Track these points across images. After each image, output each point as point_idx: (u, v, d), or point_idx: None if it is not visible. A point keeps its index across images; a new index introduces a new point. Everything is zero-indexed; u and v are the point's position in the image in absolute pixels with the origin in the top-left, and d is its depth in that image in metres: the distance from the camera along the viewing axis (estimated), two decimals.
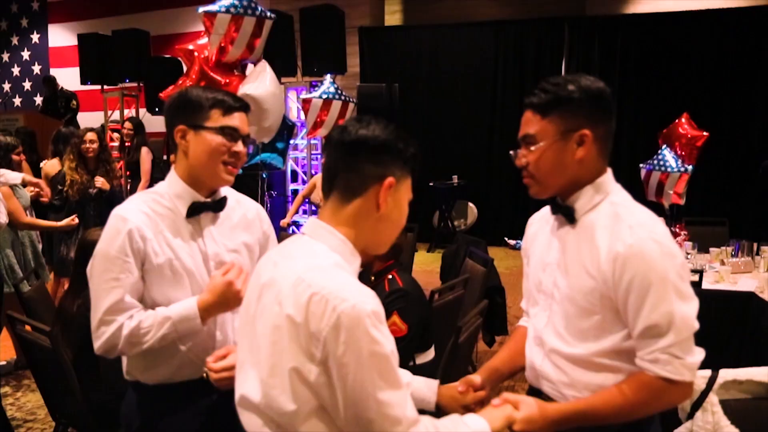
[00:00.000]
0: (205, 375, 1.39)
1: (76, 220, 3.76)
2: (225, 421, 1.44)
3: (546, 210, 1.44)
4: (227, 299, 1.38)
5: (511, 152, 1.36)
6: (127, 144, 5.81)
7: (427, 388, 1.37)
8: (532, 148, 1.27)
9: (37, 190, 3.88)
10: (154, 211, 1.41)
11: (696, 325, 1.18)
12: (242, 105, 1.46)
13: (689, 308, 1.18)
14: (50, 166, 4.41)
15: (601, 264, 1.21)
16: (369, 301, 0.96)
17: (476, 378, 1.38)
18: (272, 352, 0.98)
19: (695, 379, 1.19)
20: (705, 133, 4.34)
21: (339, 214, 1.06)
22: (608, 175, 1.32)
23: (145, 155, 5.60)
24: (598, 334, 1.24)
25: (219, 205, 1.46)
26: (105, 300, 1.36)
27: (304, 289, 0.96)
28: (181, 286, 1.41)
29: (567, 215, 1.30)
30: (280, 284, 1.00)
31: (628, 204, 1.28)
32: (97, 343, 1.39)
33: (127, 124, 5.82)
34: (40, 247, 3.99)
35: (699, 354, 1.19)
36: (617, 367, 1.23)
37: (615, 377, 1.23)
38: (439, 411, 1.34)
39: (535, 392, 1.38)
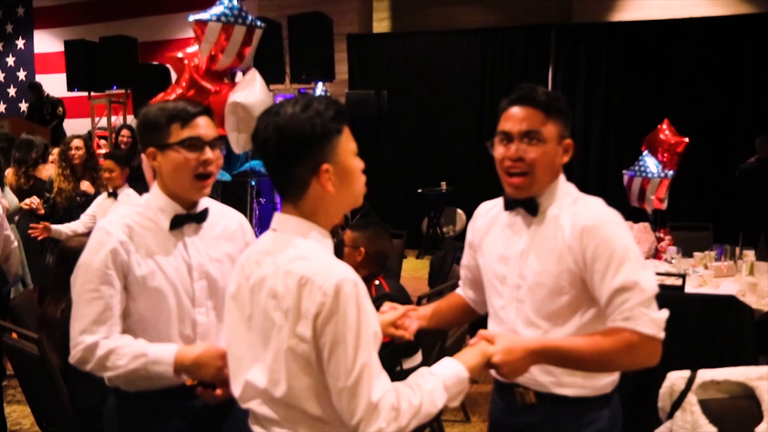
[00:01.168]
0: (187, 382, 1.40)
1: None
2: (208, 426, 1.46)
3: (490, 206, 1.54)
4: (206, 370, 1.35)
5: (492, 142, 1.42)
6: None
7: None
8: (536, 144, 1.34)
9: (32, 204, 3.88)
10: (137, 223, 1.42)
11: (656, 287, 1.28)
12: (201, 110, 1.44)
13: (648, 272, 1.29)
14: (11, 173, 4.34)
15: (567, 240, 1.32)
16: (349, 276, 1.04)
17: (398, 306, 1.53)
18: (274, 340, 1.07)
19: (662, 335, 1.26)
20: (685, 139, 4.42)
21: (297, 208, 1.13)
22: (563, 177, 1.44)
23: (146, 162, 5.56)
24: (567, 313, 1.34)
25: (201, 216, 1.48)
26: (85, 311, 1.37)
27: (292, 277, 1.05)
28: (164, 297, 1.41)
29: (530, 208, 1.39)
30: (270, 280, 1.09)
31: (582, 194, 1.42)
32: (72, 353, 1.40)
33: (125, 131, 5.72)
34: None
35: (664, 312, 1.27)
36: None
37: None
38: None
39: (505, 386, 1.43)
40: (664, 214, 4.42)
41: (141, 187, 5.61)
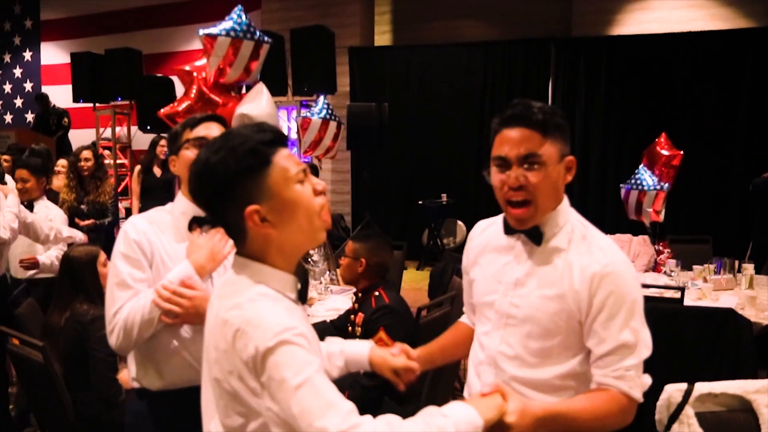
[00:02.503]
0: None
1: None
2: None
3: (487, 224, 1.44)
4: (212, 252, 1.47)
5: (488, 170, 1.31)
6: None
7: (360, 347, 1.43)
8: (537, 169, 1.23)
9: None
10: (159, 221, 1.53)
11: (650, 351, 1.24)
12: (209, 117, 1.57)
13: (647, 334, 1.24)
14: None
15: (575, 283, 1.22)
16: (281, 324, 0.93)
17: (413, 351, 1.43)
18: (220, 393, 0.99)
19: (639, 401, 1.23)
20: (679, 152, 4.46)
21: (244, 252, 1.03)
22: (567, 201, 1.34)
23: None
24: (559, 354, 1.26)
25: None
26: (118, 296, 1.45)
27: (228, 328, 0.95)
28: None
29: (533, 237, 1.28)
30: (212, 328, 1.00)
31: (590, 227, 1.31)
32: (113, 338, 1.46)
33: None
34: None
35: (648, 379, 1.25)
36: (574, 388, 1.27)
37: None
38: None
39: None
40: (663, 226, 4.44)
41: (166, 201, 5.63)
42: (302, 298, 1.06)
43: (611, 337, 1.20)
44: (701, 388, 1.62)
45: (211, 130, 1.55)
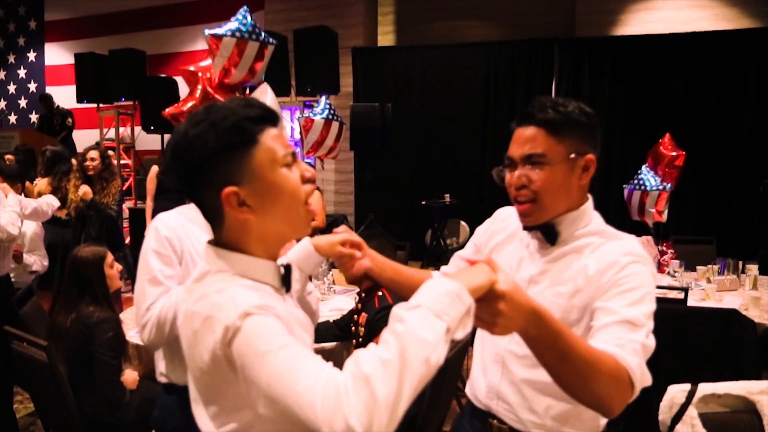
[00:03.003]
0: None
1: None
2: None
3: (510, 213, 1.37)
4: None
5: (496, 170, 1.28)
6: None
7: (299, 247, 1.26)
8: (540, 168, 1.20)
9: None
10: (191, 217, 1.55)
11: (653, 348, 1.11)
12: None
13: (652, 332, 1.13)
14: (44, 184, 4.46)
15: (591, 274, 1.17)
16: (250, 302, 0.84)
17: (359, 241, 1.30)
18: (202, 390, 0.93)
19: (635, 394, 1.07)
20: (683, 152, 4.46)
21: (222, 237, 0.94)
22: (591, 203, 1.29)
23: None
24: None
25: None
26: (149, 291, 1.48)
27: (197, 319, 0.88)
28: None
29: (548, 235, 1.24)
30: (182, 326, 0.93)
31: (612, 231, 1.26)
32: (145, 333, 1.48)
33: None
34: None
35: (649, 377, 1.10)
36: None
37: (576, 406, 1.15)
38: None
39: (479, 413, 1.31)
40: (667, 227, 4.43)
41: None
42: (286, 284, 0.97)
43: (618, 309, 1.09)
44: (705, 388, 1.62)
45: None
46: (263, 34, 3.94)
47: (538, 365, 1.14)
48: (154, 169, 4.80)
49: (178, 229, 1.52)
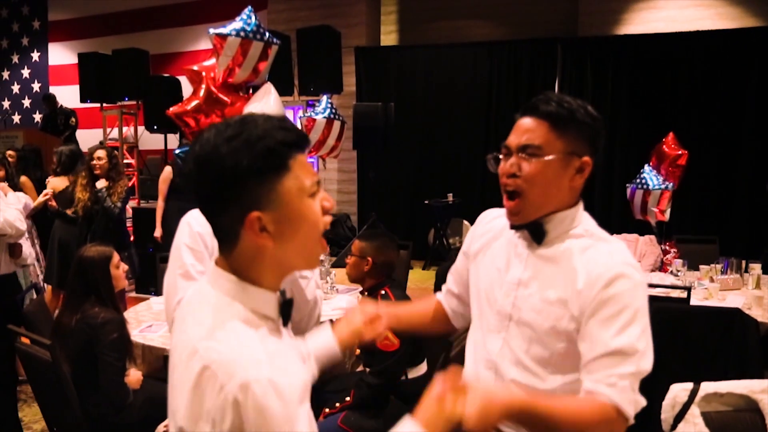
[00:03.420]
0: None
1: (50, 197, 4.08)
2: None
3: (496, 215, 1.37)
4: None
5: (491, 156, 1.26)
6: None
7: (323, 339, 1.31)
8: (534, 159, 1.18)
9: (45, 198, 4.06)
10: None
11: (650, 369, 1.13)
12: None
13: (650, 346, 1.14)
14: (59, 181, 4.49)
15: (578, 285, 1.15)
16: (259, 372, 0.80)
17: (376, 311, 1.34)
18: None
19: (632, 421, 1.12)
20: (684, 152, 4.45)
21: (230, 261, 0.89)
22: (581, 206, 1.26)
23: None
24: (563, 363, 1.18)
25: None
26: (180, 285, 1.50)
27: (196, 361, 0.83)
28: None
29: (536, 234, 1.22)
30: (179, 354, 0.87)
31: (600, 233, 1.24)
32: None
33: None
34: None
35: (643, 400, 1.14)
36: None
37: None
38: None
39: None
40: (670, 226, 4.42)
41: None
42: (285, 318, 0.94)
43: (606, 339, 1.10)
44: (707, 387, 1.62)
45: None
46: (267, 34, 3.96)
47: (531, 372, 1.19)
48: (168, 169, 4.81)
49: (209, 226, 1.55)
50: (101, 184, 4.07)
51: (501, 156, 1.25)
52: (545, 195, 1.20)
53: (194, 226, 1.53)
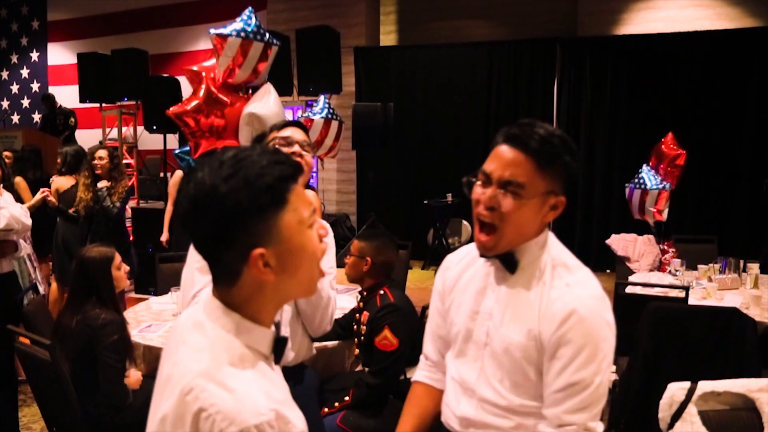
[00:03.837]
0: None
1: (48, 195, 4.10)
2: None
3: (463, 254, 1.38)
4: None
5: (467, 179, 1.25)
6: None
7: None
8: (515, 197, 1.17)
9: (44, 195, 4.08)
10: None
11: (605, 397, 1.17)
12: (293, 122, 1.75)
13: (605, 382, 1.17)
14: (64, 180, 4.51)
15: (540, 319, 1.18)
16: (258, 414, 0.80)
17: None
18: None
19: None
20: (682, 152, 4.46)
21: (228, 296, 0.88)
22: (548, 232, 1.27)
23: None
24: (536, 392, 1.20)
25: None
26: (197, 279, 1.54)
27: (192, 400, 0.81)
28: None
29: (508, 264, 1.23)
30: (172, 390, 0.85)
31: (567, 261, 1.24)
32: None
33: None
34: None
35: (600, 427, 1.17)
36: (535, 414, 1.21)
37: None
38: None
39: None
40: (669, 226, 4.44)
41: None
42: (278, 356, 0.93)
43: (566, 374, 1.14)
44: (704, 386, 1.62)
45: (296, 133, 1.70)
46: (267, 34, 3.97)
47: (502, 396, 1.22)
48: (179, 174, 4.82)
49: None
50: (103, 184, 4.08)
51: (478, 182, 1.23)
52: (519, 232, 1.20)
53: None
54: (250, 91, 4.11)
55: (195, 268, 1.56)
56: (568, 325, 1.15)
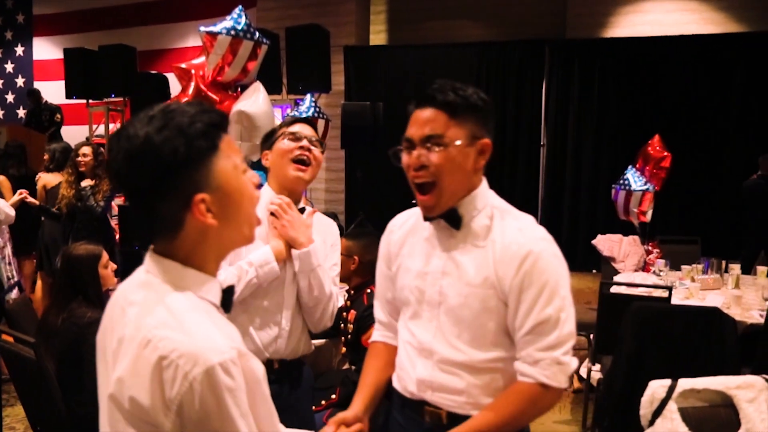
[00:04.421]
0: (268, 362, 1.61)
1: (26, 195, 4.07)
2: (280, 408, 1.60)
3: (406, 217, 1.41)
4: (302, 237, 1.63)
5: (393, 151, 1.28)
6: None
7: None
8: (439, 149, 1.21)
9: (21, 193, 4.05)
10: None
11: (573, 332, 1.21)
12: (302, 118, 1.79)
13: (571, 313, 1.21)
14: (52, 177, 4.47)
15: (497, 266, 1.21)
16: (222, 355, 0.81)
17: (347, 414, 1.31)
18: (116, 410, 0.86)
19: (564, 386, 1.21)
20: (667, 154, 4.52)
21: (172, 248, 0.88)
22: (486, 183, 1.32)
23: None
24: (493, 340, 1.23)
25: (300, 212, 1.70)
26: None
27: (150, 352, 0.81)
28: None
29: (452, 221, 1.26)
30: (128, 347, 0.84)
31: (510, 209, 1.30)
32: None
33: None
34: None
35: (573, 362, 1.21)
36: (501, 370, 1.25)
37: (511, 379, 1.23)
38: None
39: (409, 402, 1.32)
40: (654, 227, 4.49)
41: None
42: (226, 306, 0.94)
43: (533, 314, 1.18)
44: (684, 384, 1.66)
45: (305, 128, 1.73)
46: (257, 33, 3.96)
47: (463, 352, 1.24)
48: None
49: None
50: (87, 183, 4.05)
51: (402, 149, 1.28)
52: (455, 180, 1.24)
53: None
54: (240, 89, 4.10)
55: None
56: (526, 266, 1.19)
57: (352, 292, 2.47)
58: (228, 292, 0.94)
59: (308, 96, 5.93)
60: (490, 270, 1.22)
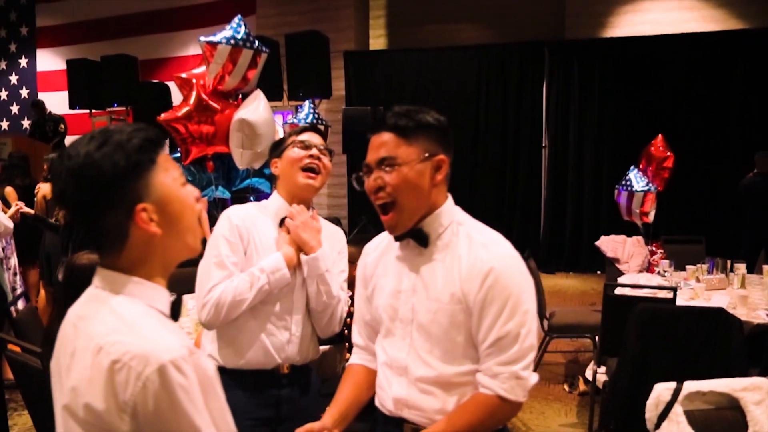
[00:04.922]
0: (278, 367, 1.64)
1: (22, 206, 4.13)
2: (288, 414, 1.66)
3: (379, 241, 1.46)
4: (303, 240, 1.65)
5: (356, 176, 1.33)
6: None
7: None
8: (392, 169, 1.27)
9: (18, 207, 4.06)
10: (255, 215, 1.69)
11: (534, 345, 1.25)
12: (311, 127, 1.80)
13: (534, 328, 1.25)
14: (50, 187, 4.49)
15: (462, 282, 1.25)
16: (173, 353, 0.83)
17: (314, 425, 1.34)
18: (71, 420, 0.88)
19: (522, 400, 1.24)
20: (670, 154, 4.51)
21: (119, 261, 0.92)
22: (451, 200, 1.36)
23: None
24: (464, 353, 1.27)
25: None
26: (212, 274, 1.59)
27: (103, 357, 0.83)
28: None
29: (419, 239, 1.31)
30: (80, 357, 0.86)
31: (475, 224, 1.34)
32: (203, 312, 1.59)
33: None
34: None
35: (533, 377, 1.25)
36: (472, 383, 1.27)
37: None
38: None
39: (391, 420, 1.35)
40: (658, 227, 4.48)
41: None
42: (175, 314, 0.96)
43: (495, 329, 1.22)
44: (690, 386, 1.65)
45: (314, 137, 1.74)
46: (257, 42, 3.98)
47: (434, 368, 1.28)
48: None
49: (248, 221, 1.65)
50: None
51: (363, 175, 1.34)
52: (414, 199, 1.29)
53: (233, 219, 1.65)
54: (240, 98, 4.12)
55: (213, 263, 1.60)
56: (489, 282, 1.23)
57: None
58: (176, 302, 0.97)
59: (307, 103, 5.95)
60: (456, 286, 1.26)
